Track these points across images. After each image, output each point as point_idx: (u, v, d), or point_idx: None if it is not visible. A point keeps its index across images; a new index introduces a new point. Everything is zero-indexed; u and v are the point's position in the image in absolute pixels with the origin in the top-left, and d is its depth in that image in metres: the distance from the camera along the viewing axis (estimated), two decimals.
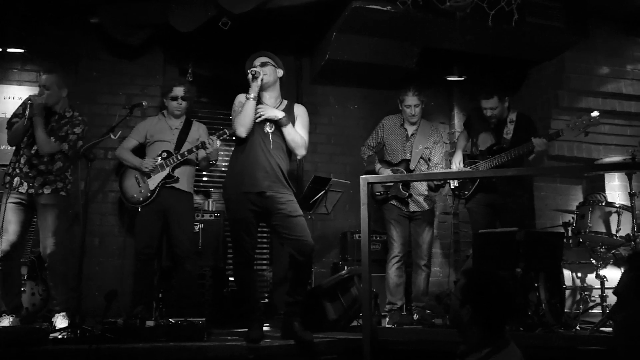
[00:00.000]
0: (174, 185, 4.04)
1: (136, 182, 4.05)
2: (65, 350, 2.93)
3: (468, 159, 4.31)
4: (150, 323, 3.19)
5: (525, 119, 4.23)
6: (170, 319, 3.29)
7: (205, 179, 5.34)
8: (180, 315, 3.44)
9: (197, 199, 4.94)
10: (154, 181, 4.04)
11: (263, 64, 3.49)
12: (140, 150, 4.21)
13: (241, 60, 3.59)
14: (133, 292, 4.01)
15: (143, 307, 3.78)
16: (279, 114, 3.44)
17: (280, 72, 3.57)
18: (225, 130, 3.72)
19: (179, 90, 4.18)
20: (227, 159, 5.30)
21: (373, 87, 5.67)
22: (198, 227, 4.45)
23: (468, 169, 4.22)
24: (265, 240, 5.25)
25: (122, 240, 4.71)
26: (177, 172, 4.07)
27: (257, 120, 3.42)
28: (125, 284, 4.33)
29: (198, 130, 4.21)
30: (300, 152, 3.47)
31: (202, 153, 4.03)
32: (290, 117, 3.50)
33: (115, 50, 4.94)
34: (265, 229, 4.79)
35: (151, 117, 4.41)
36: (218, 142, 3.76)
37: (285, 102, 3.60)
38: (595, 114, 3.73)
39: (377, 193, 4.34)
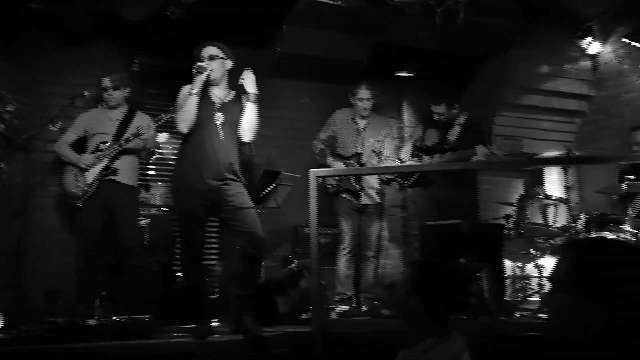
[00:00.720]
0: (114, 178, 3.93)
1: (74, 177, 3.93)
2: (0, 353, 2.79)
3: (416, 150, 4.41)
4: (92, 322, 3.08)
5: (473, 124, 4.35)
6: (113, 317, 3.19)
7: (152, 172, 5.22)
8: (125, 312, 3.35)
9: (144, 192, 4.84)
10: (91, 174, 3.91)
11: (211, 58, 3.42)
12: (81, 144, 4.08)
13: (192, 50, 3.51)
14: (75, 290, 3.88)
15: (85, 306, 3.67)
16: (253, 89, 3.44)
17: (229, 64, 3.52)
18: (163, 115, 3.65)
19: (105, 81, 4.07)
20: (175, 151, 5.19)
21: (326, 82, 5.66)
22: (145, 222, 4.38)
23: (412, 162, 4.32)
24: (214, 234, 5.18)
25: (65, 237, 4.52)
26: (117, 164, 3.95)
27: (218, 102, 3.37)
28: (68, 282, 4.18)
29: (141, 121, 4.09)
30: (249, 136, 3.47)
31: (140, 142, 3.93)
32: (238, 108, 3.47)
33: (61, 37, 4.74)
34: (215, 223, 4.74)
35: (92, 109, 4.26)
36: (153, 130, 3.67)
37: (233, 93, 3.55)
38: (519, 144, 3.92)
39: (329, 186, 4.37)
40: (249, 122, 3.43)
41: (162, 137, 4.25)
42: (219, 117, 3.39)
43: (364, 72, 5.14)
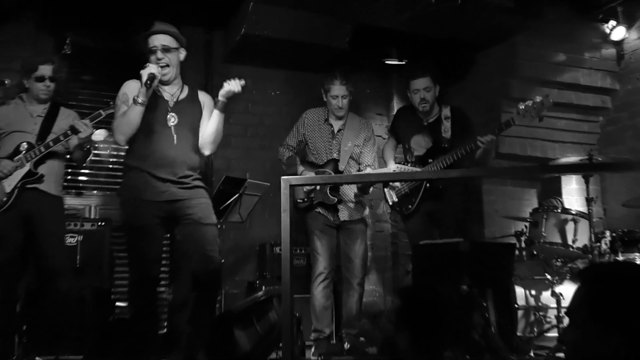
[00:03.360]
0: (38, 186, 3.82)
1: None
2: None
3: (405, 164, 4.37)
4: None
5: (459, 113, 4.34)
6: (37, 358, 3.10)
7: (83, 177, 5.15)
8: (51, 351, 3.27)
9: (75, 203, 4.79)
10: (10, 181, 3.78)
11: (166, 49, 3.37)
12: None
13: (137, 28, 3.45)
14: None
15: (2, 343, 3.56)
16: (225, 96, 3.47)
17: (183, 54, 3.48)
18: (101, 111, 3.57)
19: (45, 69, 3.92)
20: (115, 153, 5.11)
21: (298, 69, 5.67)
22: (76, 239, 4.34)
23: (401, 186, 4.29)
24: (164, 254, 5.09)
25: None
26: (41, 169, 3.84)
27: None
28: None
29: (67, 119, 3.98)
30: (212, 148, 3.53)
31: (73, 141, 3.83)
32: (195, 106, 3.47)
33: None
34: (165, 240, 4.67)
35: (11, 101, 4.13)
36: (91, 128, 3.59)
37: (186, 88, 3.53)
38: (548, 96, 3.86)
39: (299, 200, 4.30)
40: (213, 134, 3.47)
41: (99, 134, 4.16)
42: (172, 118, 3.36)
43: (344, 59, 5.12)
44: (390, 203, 4.43)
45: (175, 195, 3.30)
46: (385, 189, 4.47)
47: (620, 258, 4.04)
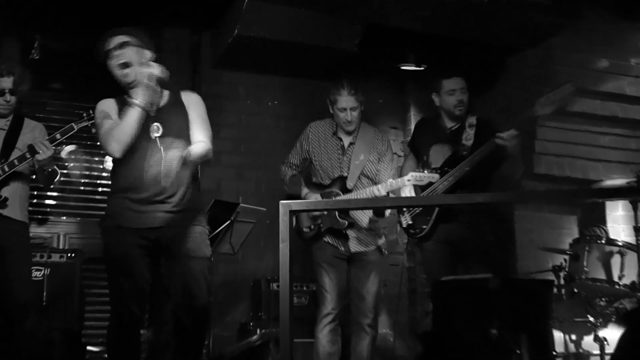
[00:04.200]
0: (2, 212, 3.85)
1: None
2: None
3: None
4: None
5: (485, 123, 4.34)
6: None
7: (51, 201, 5.13)
8: None
9: (41, 231, 4.81)
10: None
11: (120, 46, 3.34)
12: None
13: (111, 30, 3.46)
14: None
15: None
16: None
17: (148, 54, 3.42)
18: (73, 124, 3.56)
19: (5, 82, 3.96)
20: (87, 173, 5.11)
21: (299, 76, 5.68)
22: (42, 272, 4.34)
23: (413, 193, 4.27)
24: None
25: None
26: (4, 192, 3.86)
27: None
28: None
29: (33, 132, 4.01)
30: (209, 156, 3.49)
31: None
32: (179, 110, 3.44)
33: None
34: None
35: None
36: (50, 147, 3.57)
37: (166, 93, 3.49)
38: (569, 85, 3.88)
39: (306, 229, 4.27)
40: (203, 158, 3.42)
41: (67, 151, 4.16)
42: (156, 129, 3.34)
43: (353, 64, 5.11)
44: (405, 225, 4.39)
45: (161, 220, 3.28)
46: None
47: None
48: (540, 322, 3.75)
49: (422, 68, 5.78)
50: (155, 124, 3.35)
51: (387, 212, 4.38)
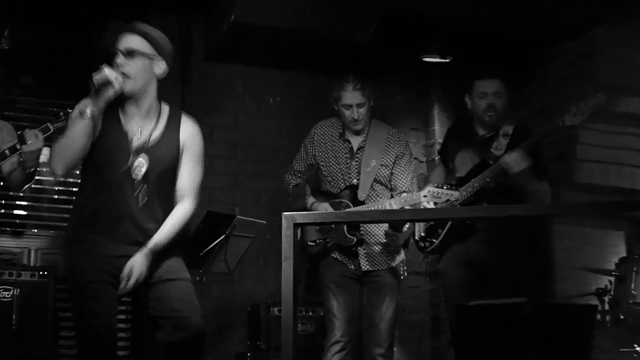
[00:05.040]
0: None
1: None
2: None
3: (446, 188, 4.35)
4: None
5: (524, 132, 4.34)
6: None
7: (20, 211, 5.15)
8: None
9: (10, 245, 4.86)
10: None
11: (129, 53, 3.32)
12: None
13: (94, 20, 3.48)
14: None
15: None
16: None
17: (161, 68, 3.37)
18: (49, 124, 3.55)
19: None
20: (63, 180, 5.12)
21: (306, 70, 5.69)
22: (11, 292, 4.36)
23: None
24: (123, 316, 5.10)
25: None
26: None
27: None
28: None
29: (0, 132, 4.00)
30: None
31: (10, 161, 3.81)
32: (171, 147, 3.37)
33: None
34: (124, 300, 4.66)
35: None
36: (40, 142, 3.56)
37: (166, 111, 3.43)
38: (601, 95, 3.96)
39: (311, 243, 4.29)
40: (190, 178, 3.42)
41: (44, 155, 4.17)
42: (139, 166, 3.28)
43: (367, 55, 5.12)
44: (417, 238, 4.40)
45: (133, 251, 3.25)
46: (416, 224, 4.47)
47: None
48: (580, 353, 3.75)
49: (447, 60, 5.76)
50: (140, 159, 3.28)
51: (406, 227, 4.39)
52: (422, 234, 4.37)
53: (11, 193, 4.41)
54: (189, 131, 3.44)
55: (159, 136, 3.35)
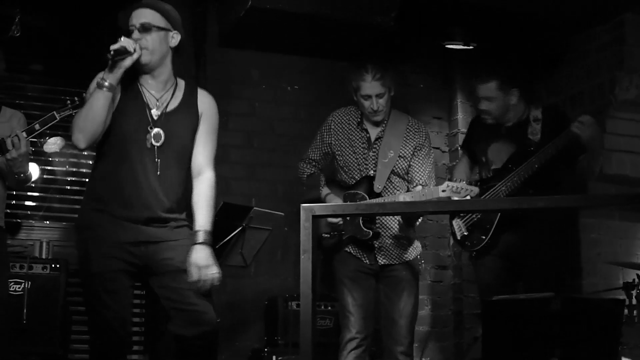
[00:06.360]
0: None
1: None
2: None
3: (481, 186, 4.33)
4: None
5: (555, 113, 4.37)
6: None
7: (31, 202, 5.19)
8: None
9: (21, 237, 4.91)
10: None
11: (144, 28, 3.37)
12: None
13: (104, 5, 3.49)
14: None
15: None
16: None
17: (175, 39, 3.45)
18: (54, 113, 3.58)
19: None
20: (75, 170, 5.16)
21: (324, 56, 5.69)
22: (22, 286, 4.38)
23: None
24: (137, 310, 5.15)
25: None
26: None
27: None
28: None
29: (10, 121, 4.01)
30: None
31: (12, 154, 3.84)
32: (189, 116, 3.44)
33: None
34: (137, 291, 4.69)
35: None
36: (24, 144, 3.58)
37: (182, 84, 3.51)
38: None
39: (325, 235, 4.28)
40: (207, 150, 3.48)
41: (52, 145, 4.19)
42: (156, 136, 3.35)
43: (388, 41, 5.10)
44: (459, 237, 4.39)
45: (148, 235, 3.29)
46: (454, 220, 4.45)
47: None
48: (608, 348, 3.73)
49: (471, 47, 5.75)
50: (157, 129, 3.35)
51: (419, 220, 4.37)
52: (465, 233, 4.36)
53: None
54: (207, 102, 3.54)
55: (178, 106, 3.43)
